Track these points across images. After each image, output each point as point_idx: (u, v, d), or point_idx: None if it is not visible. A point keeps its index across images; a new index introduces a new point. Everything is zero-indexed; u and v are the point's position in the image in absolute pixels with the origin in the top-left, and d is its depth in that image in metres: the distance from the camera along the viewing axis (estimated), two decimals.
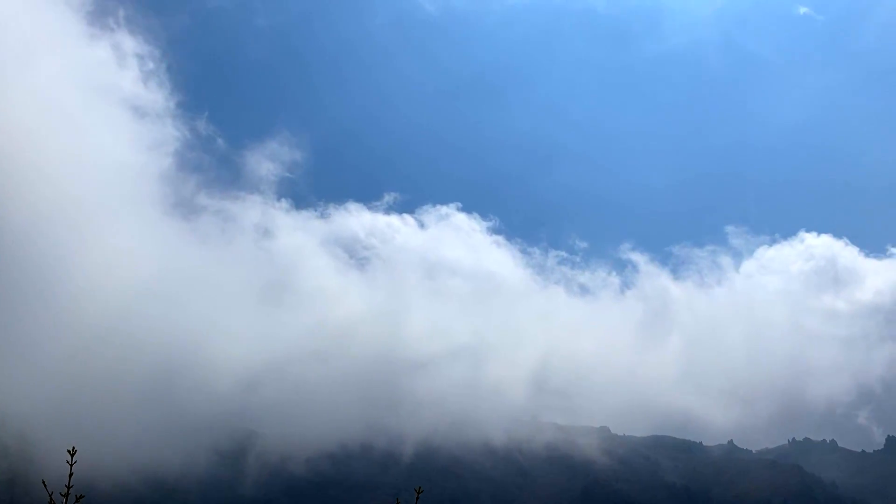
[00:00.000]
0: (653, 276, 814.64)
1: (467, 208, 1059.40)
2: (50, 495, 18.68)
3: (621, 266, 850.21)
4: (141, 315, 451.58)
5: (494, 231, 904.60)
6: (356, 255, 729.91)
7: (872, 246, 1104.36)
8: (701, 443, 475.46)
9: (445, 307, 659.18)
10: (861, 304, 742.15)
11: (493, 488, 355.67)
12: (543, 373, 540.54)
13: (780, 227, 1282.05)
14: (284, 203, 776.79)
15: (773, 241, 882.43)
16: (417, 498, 28.24)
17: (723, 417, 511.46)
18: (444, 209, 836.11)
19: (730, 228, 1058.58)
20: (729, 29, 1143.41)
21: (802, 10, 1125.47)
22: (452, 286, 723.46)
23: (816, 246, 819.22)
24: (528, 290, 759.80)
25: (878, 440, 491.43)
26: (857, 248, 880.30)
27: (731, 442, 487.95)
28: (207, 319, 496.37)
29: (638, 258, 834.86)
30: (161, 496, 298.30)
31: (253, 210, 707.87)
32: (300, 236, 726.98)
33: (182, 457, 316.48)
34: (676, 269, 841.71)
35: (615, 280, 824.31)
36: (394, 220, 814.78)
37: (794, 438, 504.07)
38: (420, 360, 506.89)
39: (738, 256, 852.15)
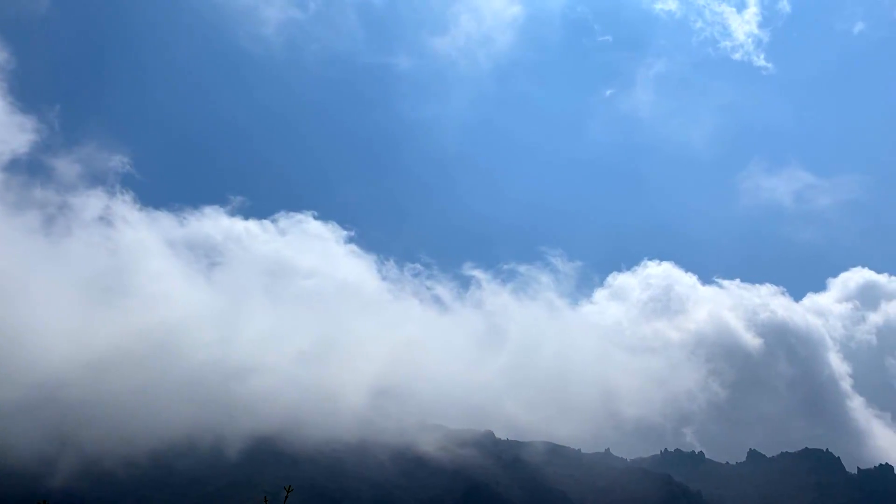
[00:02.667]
0: (493, 293, 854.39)
1: (324, 217, 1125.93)
2: None
3: (466, 281, 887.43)
4: None
5: (351, 241, 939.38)
6: (205, 258, 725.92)
7: (706, 275, 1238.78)
8: (580, 449, 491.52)
9: (293, 313, 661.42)
10: (686, 330, 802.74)
11: (374, 489, 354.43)
12: (390, 378, 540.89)
13: (626, 256, 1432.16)
14: (130, 202, 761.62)
15: (622, 269, 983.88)
16: (287, 496, 27.73)
17: (545, 428, 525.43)
18: (298, 216, 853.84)
19: (557, 251, 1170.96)
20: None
21: (608, 92, 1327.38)
22: (303, 293, 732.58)
23: (655, 275, 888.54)
24: (381, 300, 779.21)
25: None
26: (697, 276, 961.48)
27: (607, 450, 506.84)
28: (30, 313, 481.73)
29: (480, 275, 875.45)
30: None
31: (93, 208, 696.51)
32: (146, 237, 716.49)
33: None
34: (513, 287, 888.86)
35: (461, 294, 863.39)
36: (251, 225, 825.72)
37: (665, 449, 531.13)
38: (262, 364, 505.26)
39: (568, 279, 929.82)
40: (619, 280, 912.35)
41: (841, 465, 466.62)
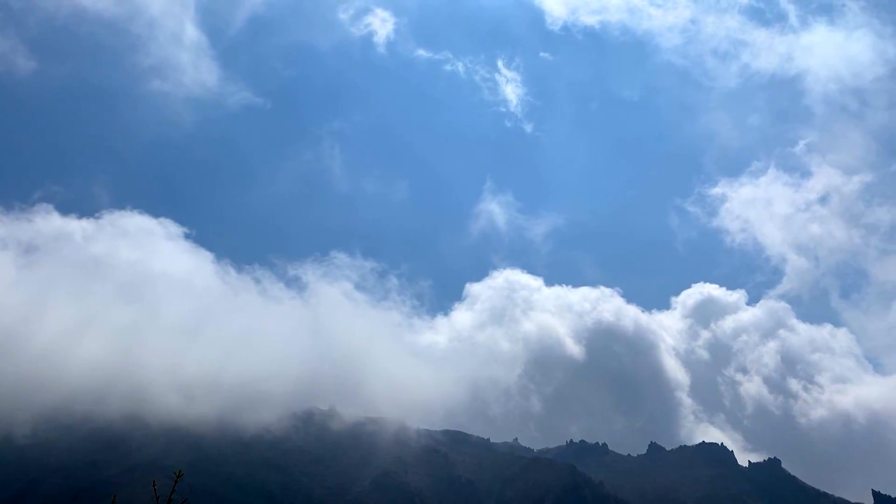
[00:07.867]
0: (324, 292, 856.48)
1: (155, 213, 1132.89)
2: None
3: (297, 280, 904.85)
4: None
5: (188, 238, 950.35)
6: (18, 252, 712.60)
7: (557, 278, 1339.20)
8: (489, 439, 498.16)
9: (109, 306, 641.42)
10: (512, 337, 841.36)
11: (283, 476, 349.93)
12: (225, 371, 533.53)
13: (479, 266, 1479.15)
14: None
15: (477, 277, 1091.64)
16: (176, 481, 26.33)
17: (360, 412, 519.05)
18: (124, 212, 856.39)
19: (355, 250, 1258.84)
20: None
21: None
22: (124, 286, 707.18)
23: (497, 284, 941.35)
24: (216, 294, 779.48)
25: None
26: (543, 279, 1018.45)
27: (515, 440, 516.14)
28: None
29: (308, 273, 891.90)
30: None
31: None
32: None
33: None
34: (336, 284, 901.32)
35: (293, 290, 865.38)
36: (78, 222, 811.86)
37: (571, 440, 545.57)
38: (63, 354, 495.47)
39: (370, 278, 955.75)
40: (473, 290, 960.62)
41: (734, 458, 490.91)
